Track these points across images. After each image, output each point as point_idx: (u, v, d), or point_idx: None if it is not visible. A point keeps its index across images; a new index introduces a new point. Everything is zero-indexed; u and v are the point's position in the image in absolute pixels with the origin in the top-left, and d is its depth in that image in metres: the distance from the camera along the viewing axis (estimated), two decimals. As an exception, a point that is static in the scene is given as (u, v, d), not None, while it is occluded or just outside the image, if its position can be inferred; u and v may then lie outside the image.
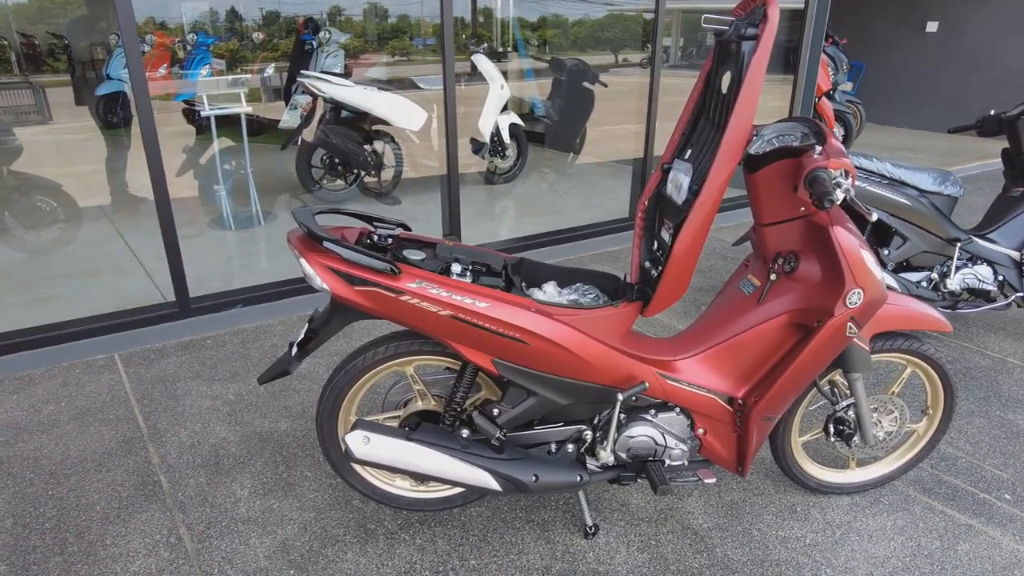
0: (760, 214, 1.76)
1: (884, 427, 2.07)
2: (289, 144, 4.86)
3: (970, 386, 2.83)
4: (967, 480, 2.25)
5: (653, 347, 1.83)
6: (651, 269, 1.78)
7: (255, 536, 1.97)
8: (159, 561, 1.87)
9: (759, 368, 1.81)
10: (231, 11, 7.61)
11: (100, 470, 2.24)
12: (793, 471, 2.09)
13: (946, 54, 8.87)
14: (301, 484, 2.18)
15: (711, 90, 1.72)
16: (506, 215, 5.15)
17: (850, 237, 1.62)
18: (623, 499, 2.14)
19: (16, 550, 1.90)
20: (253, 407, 2.60)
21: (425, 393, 1.88)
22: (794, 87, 5.16)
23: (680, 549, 1.94)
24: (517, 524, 2.03)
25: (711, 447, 1.89)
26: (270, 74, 6.62)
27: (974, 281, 2.99)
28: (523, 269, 1.85)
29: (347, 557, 1.90)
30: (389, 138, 4.82)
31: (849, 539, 1.99)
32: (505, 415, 1.76)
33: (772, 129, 1.72)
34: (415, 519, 2.04)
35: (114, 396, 2.67)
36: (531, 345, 1.62)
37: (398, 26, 8.66)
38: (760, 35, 1.48)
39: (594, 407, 1.81)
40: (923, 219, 2.88)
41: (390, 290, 1.55)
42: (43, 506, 2.08)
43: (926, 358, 1.98)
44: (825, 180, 1.47)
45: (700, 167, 1.62)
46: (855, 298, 1.64)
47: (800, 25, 4.99)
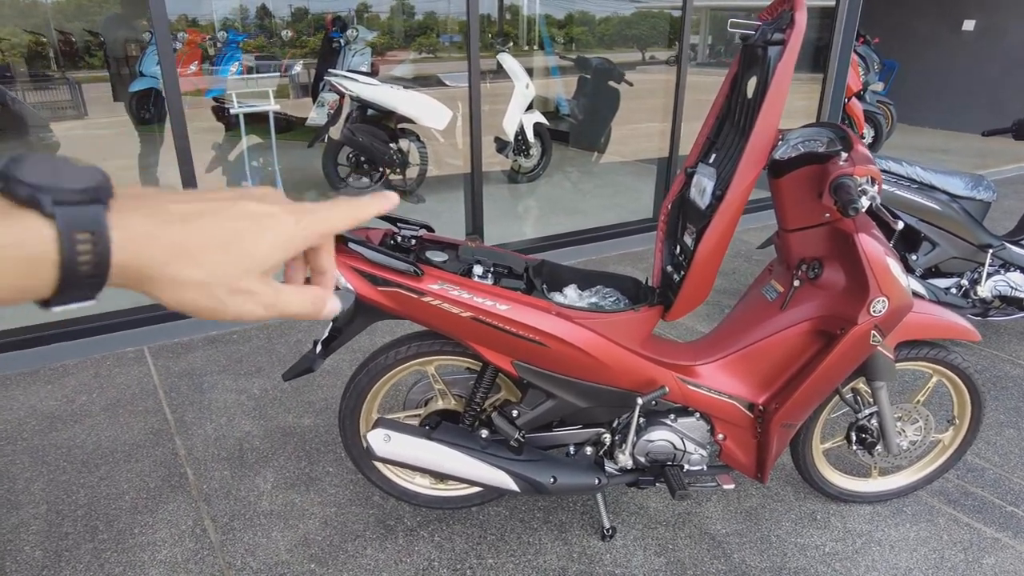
0: (784, 220, 1.75)
1: (908, 436, 2.04)
2: (316, 141, 4.92)
3: (1000, 396, 2.77)
4: (995, 492, 2.20)
5: (674, 351, 1.82)
6: (673, 273, 1.78)
7: (277, 529, 2.01)
8: (184, 551, 1.92)
9: (780, 375, 1.80)
10: (261, 8, 7.71)
11: (129, 460, 2.30)
12: (814, 478, 2.08)
13: (983, 53, 8.65)
14: (323, 479, 2.22)
15: (736, 94, 1.71)
16: (529, 214, 5.15)
17: (875, 244, 1.60)
18: (641, 502, 2.14)
19: (50, 536, 1.97)
20: (277, 402, 2.65)
21: (446, 393, 1.90)
22: (823, 87, 5.08)
23: (697, 554, 1.94)
24: (535, 524, 2.04)
25: (731, 453, 1.88)
26: (298, 71, 6.71)
27: (1006, 288, 2.93)
28: (544, 271, 1.86)
29: (367, 552, 1.93)
30: (414, 136, 4.85)
31: (870, 549, 1.97)
32: (524, 416, 1.77)
33: (798, 134, 1.71)
34: (434, 516, 2.06)
35: (143, 388, 2.74)
36: (551, 348, 1.63)
37: (425, 23, 8.71)
38: (787, 40, 1.47)
39: (613, 410, 1.81)
40: (953, 224, 2.83)
41: (412, 291, 1.57)
42: (75, 494, 2.14)
43: (953, 367, 1.95)
44: (851, 187, 1.46)
45: (724, 172, 1.61)
46: (879, 306, 1.62)
47: (831, 24, 4.91)
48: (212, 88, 6.04)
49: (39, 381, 2.79)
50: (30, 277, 0.34)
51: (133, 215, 0.37)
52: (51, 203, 0.34)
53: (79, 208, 0.35)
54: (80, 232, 0.34)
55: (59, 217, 0.34)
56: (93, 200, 0.35)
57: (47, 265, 0.34)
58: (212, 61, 6.46)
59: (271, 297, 0.42)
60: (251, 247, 0.40)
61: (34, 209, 0.34)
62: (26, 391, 2.71)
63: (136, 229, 0.37)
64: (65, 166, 0.35)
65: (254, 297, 0.41)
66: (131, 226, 0.37)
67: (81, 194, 0.35)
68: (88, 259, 0.35)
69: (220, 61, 6.29)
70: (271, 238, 0.41)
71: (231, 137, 4.71)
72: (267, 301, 0.42)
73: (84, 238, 0.34)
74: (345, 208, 0.46)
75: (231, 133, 4.63)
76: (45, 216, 0.34)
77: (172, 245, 0.38)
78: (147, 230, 0.37)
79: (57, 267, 0.34)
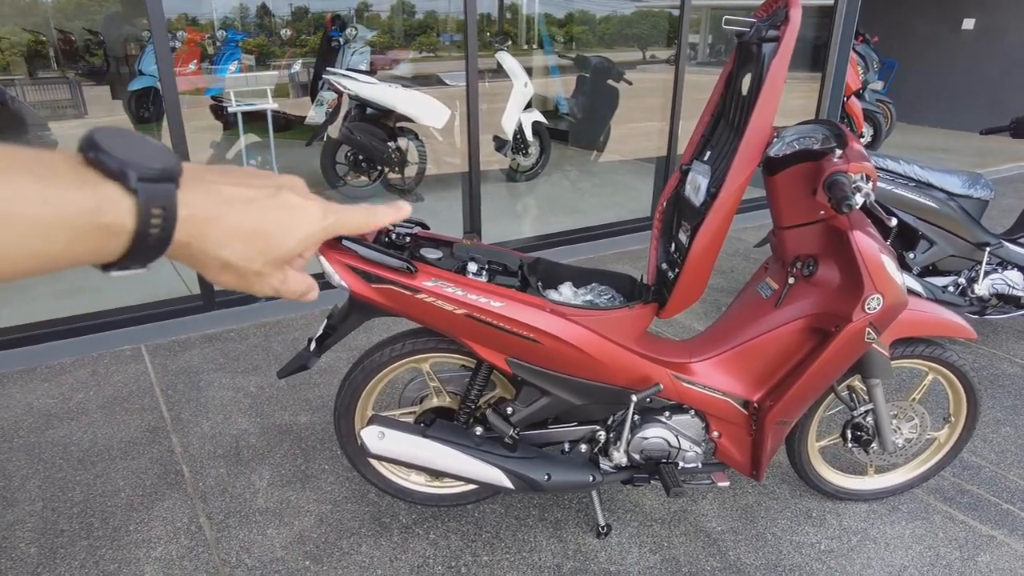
0: (779, 217, 1.75)
1: (904, 434, 2.04)
2: (314, 140, 4.92)
3: (998, 394, 2.77)
4: (990, 490, 2.20)
5: (668, 349, 1.82)
6: (668, 271, 1.78)
7: (272, 527, 2.01)
8: (180, 548, 1.92)
9: (775, 372, 1.80)
10: (261, 7, 7.71)
11: (125, 458, 2.30)
12: (810, 476, 2.08)
13: (983, 52, 8.65)
14: (318, 477, 2.22)
15: (731, 92, 1.71)
16: (528, 213, 5.15)
17: (870, 242, 1.60)
18: (636, 500, 2.14)
19: (45, 533, 1.97)
20: (273, 400, 2.65)
21: (441, 390, 1.90)
22: (822, 86, 5.07)
23: (692, 551, 1.94)
24: (530, 522, 2.04)
25: (726, 450, 1.88)
26: (297, 70, 6.71)
27: (1003, 286, 2.92)
28: (539, 269, 1.85)
29: (361, 550, 1.93)
30: (413, 135, 4.85)
31: (865, 546, 1.97)
32: (519, 414, 1.77)
33: (793, 131, 1.71)
34: (429, 514, 2.06)
35: (140, 386, 2.74)
36: (545, 345, 1.63)
37: (425, 22, 8.71)
38: (781, 37, 1.47)
39: (608, 408, 1.81)
40: (951, 223, 2.83)
41: (406, 288, 1.57)
42: (71, 491, 2.14)
43: (948, 365, 1.95)
44: (844, 184, 1.46)
45: (719, 169, 1.61)
46: (874, 303, 1.62)
47: (829, 22, 4.91)
48: (211, 87, 6.04)
49: (36, 379, 2.79)
50: (104, 242, 0.37)
51: (196, 194, 0.40)
52: (136, 179, 0.37)
53: (157, 185, 0.38)
54: (155, 207, 0.37)
55: (141, 192, 0.37)
56: (168, 178, 0.38)
57: (122, 234, 0.37)
58: (211, 60, 6.46)
59: (280, 280, 0.47)
60: (285, 238, 0.45)
61: (119, 182, 0.37)
62: (23, 389, 2.71)
63: (199, 209, 0.40)
64: (146, 144, 0.38)
65: (274, 279, 0.46)
66: (195, 204, 0.40)
67: (160, 172, 0.38)
68: (156, 232, 0.38)
69: (219, 60, 6.29)
70: (302, 233, 0.45)
71: (229, 135, 4.71)
72: (277, 283, 0.47)
73: (157, 212, 0.38)
74: (363, 213, 0.50)
75: (229, 132, 4.63)
76: (128, 190, 0.37)
77: (227, 228, 0.42)
78: (208, 212, 0.41)
79: (130, 236, 0.37)
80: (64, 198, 0.35)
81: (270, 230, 0.44)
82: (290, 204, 0.45)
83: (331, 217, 0.47)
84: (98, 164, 0.36)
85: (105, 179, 0.36)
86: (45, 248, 0.35)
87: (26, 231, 0.34)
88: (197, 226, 0.40)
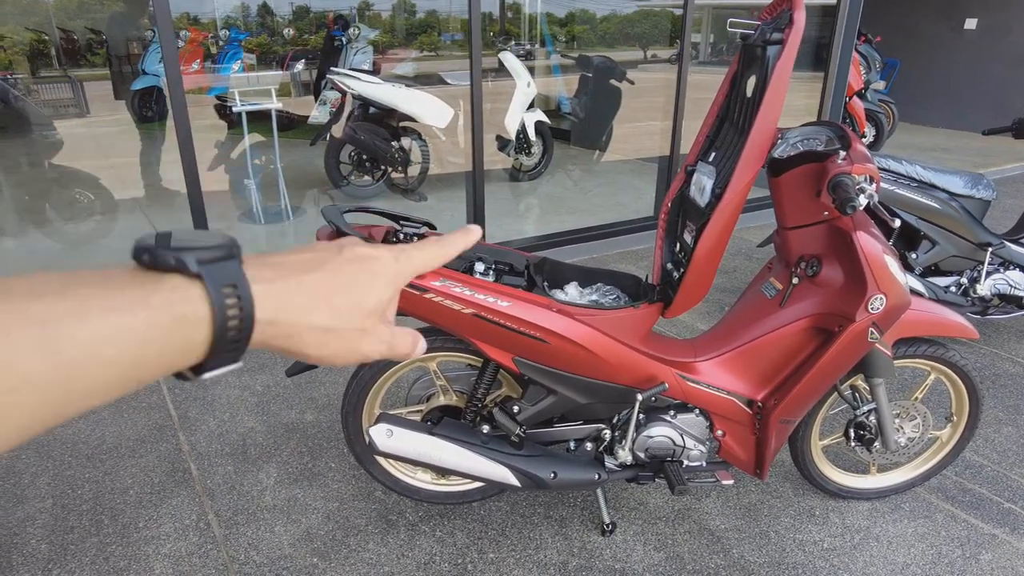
0: (783, 218, 1.76)
1: (906, 433, 2.05)
2: (318, 140, 4.93)
3: (1000, 393, 2.78)
4: (992, 489, 2.22)
5: (673, 348, 1.84)
6: (673, 271, 1.80)
7: (280, 524, 2.03)
8: (188, 545, 1.94)
9: (779, 372, 1.81)
10: (263, 7, 7.73)
11: (134, 455, 2.32)
12: (813, 475, 2.09)
13: (986, 52, 8.65)
14: (325, 474, 2.24)
15: (736, 94, 1.72)
16: (531, 212, 5.17)
17: (873, 242, 1.62)
18: (641, 498, 2.16)
19: (55, 530, 1.99)
20: (280, 398, 2.67)
21: (448, 389, 1.92)
22: (824, 86, 5.08)
23: (696, 549, 1.96)
24: (535, 520, 2.06)
25: (730, 449, 1.90)
26: (300, 69, 6.73)
27: (1005, 287, 2.94)
28: (545, 269, 1.87)
29: (368, 547, 1.95)
30: (416, 135, 4.86)
31: (868, 545, 1.98)
32: (525, 412, 1.79)
33: (797, 133, 1.72)
34: (435, 512, 2.08)
35: (147, 385, 2.76)
36: (551, 344, 1.64)
37: (427, 21, 8.73)
38: (786, 40, 1.48)
39: (613, 406, 1.83)
40: (953, 223, 2.84)
41: (414, 288, 1.58)
42: (80, 488, 2.16)
43: (951, 364, 1.97)
44: (848, 186, 1.47)
45: (723, 170, 1.63)
46: (877, 304, 1.63)
47: (832, 22, 4.92)
48: (214, 86, 6.06)
49: (44, 377, 2.81)
50: (184, 337, 0.34)
51: (263, 270, 0.38)
52: (195, 262, 0.35)
53: (220, 264, 0.36)
54: (224, 287, 0.35)
55: (205, 275, 0.35)
56: (229, 256, 0.36)
57: (200, 323, 0.35)
58: (214, 59, 6.48)
59: (388, 335, 0.44)
60: (368, 288, 0.43)
61: (180, 272, 0.35)
62: (31, 387, 2.73)
63: (272, 284, 0.38)
64: (196, 232, 0.37)
65: (378, 336, 0.43)
66: (265, 279, 0.38)
67: (218, 251, 0.36)
68: (235, 313, 0.35)
69: (222, 59, 6.31)
70: (382, 280, 0.44)
71: (233, 135, 4.73)
72: (386, 339, 0.44)
73: (228, 292, 0.35)
74: (435, 247, 0.48)
75: (233, 131, 4.64)
76: (191, 277, 0.35)
77: (308, 293, 0.40)
78: (282, 284, 0.39)
79: (209, 324, 0.35)
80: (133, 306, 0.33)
81: (351, 283, 0.42)
82: (359, 256, 0.44)
83: (403, 256, 0.46)
84: (154, 264, 0.35)
85: (165, 274, 0.35)
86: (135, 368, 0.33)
87: (117, 357, 0.32)
88: (277, 299, 0.38)
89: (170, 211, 4.77)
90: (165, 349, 0.34)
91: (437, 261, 0.48)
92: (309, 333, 0.40)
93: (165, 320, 0.33)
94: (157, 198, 5.20)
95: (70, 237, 4.41)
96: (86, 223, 4.57)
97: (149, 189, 5.45)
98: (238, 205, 4.85)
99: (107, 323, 0.32)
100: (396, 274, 0.45)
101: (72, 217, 4.59)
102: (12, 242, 4.29)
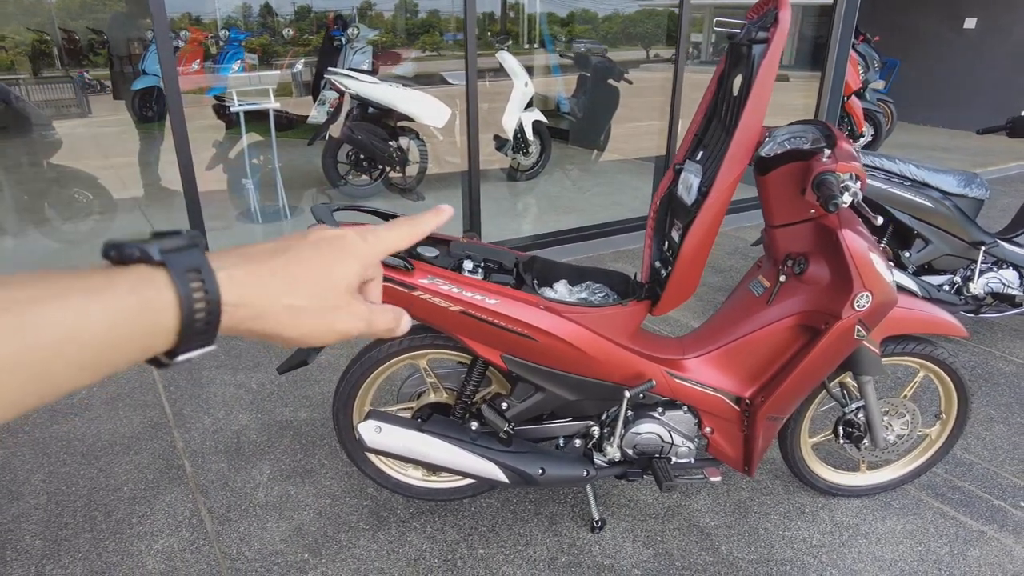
0: (770, 216, 1.77)
1: (895, 430, 2.06)
2: (316, 139, 4.95)
3: (992, 392, 2.79)
4: (982, 486, 2.23)
5: (662, 346, 1.85)
6: (661, 269, 1.81)
7: (272, 520, 2.04)
8: (181, 541, 1.96)
9: (767, 369, 1.82)
10: (264, 7, 7.75)
11: (128, 453, 2.33)
12: (802, 472, 2.10)
13: (985, 52, 8.64)
14: (318, 471, 2.25)
15: (723, 92, 1.74)
16: (528, 212, 5.18)
17: (859, 240, 1.63)
18: (631, 495, 2.17)
19: (49, 526, 2.00)
20: (274, 396, 2.68)
21: (438, 386, 1.93)
22: (821, 85, 5.09)
23: (685, 546, 1.97)
24: (525, 516, 2.07)
25: (718, 446, 1.91)
26: (300, 69, 6.74)
27: (998, 285, 2.94)
28: (535, 267, 1.88)
29: (359, 543, 1.96)
30: (414, 134, 4.88)
31: (856, 541, 1.99)
32: (513, 409, 1.80)
33: (784, 131, 1.73)
34: (426, 508, 2.09)
35: (142, 383, 2.78)
36: (539, 341, 1.66)
37: (428, 21, 8.74)
38: (771, 38, 1.49)
39: (602, 403, 1.84)
40: (946, 222, 2.85)
41: (403, 285, 1.60)
42: (75, 485, 2.18)
43: (939, 362, 1.97)
44: (832, 183, 1.48)
45: (710, 169, 1.64)
46: (863, 301, 1.64)
47: (829, 21, 4.92)
48: (214, 86, 6.07)
49: (41, 375, 2.83)
50: (152, 323, 0.35)
51: (228, 257, 0.40)
52: (159, 251, 0.36)
53: (182, 253, 0.37)
54: (189, 271, 0.36)
55: (169, 262, 0.36)
56: (192, 246, 0.38)
57: (166, 309, 0.36)
58: (214, 59, 6.50)
59: (366, 312, 0.45)
60: (335, 266, 0.43)
61: (144, 262, 0.36)
62: (28, 385, 2.75)
63: (237, 270, 0.39)
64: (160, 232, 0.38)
65: (353, 312, 0.44)
66: (231, 266, 0.39)
67: (180, 242, 0.37)
68: (201, 296, 0.37)
69: (222, 59, 6.32)
70: (349, 258, 0.44)
71: (232, 135, 4.75)
72: (363, 315, 0.45)
73: (193, 276, 0.36)
74: (405, 226, 0.49)
75: (232, 131, 4.66)
76: (155, 265, 0.36)
77: (277, 277, 0.41)
78: (246, 267, 0.40)
79: (176, 308, 0.36)
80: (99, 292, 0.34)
81: (317, 263, 0.43)
82: (324, 237, 0.44)
83: (371, 236, 0.46)
84: (121, 257, 0.37)
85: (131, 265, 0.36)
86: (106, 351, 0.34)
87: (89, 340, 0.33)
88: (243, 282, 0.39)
89: (168, 210, 4.80)
90: (135, 333, 0.35)
91: (407, 239, 0.49)
92: (280, 314, 0.41)
93: (132, 304, 0.34)
94: (156, 197, 5.22)
95: (68, 236, 4.44)
96: (85, 222, 4.59)
97: (148, 188, 5.47)
98: (236, 204, 4.87)
99: (74, 308, 0.33)
100: (364, 251, 0.45)
101: (71, 216, 4.62)
102: (11, 241, 4.31)
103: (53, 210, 4.71)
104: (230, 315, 0.38)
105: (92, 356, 0.34)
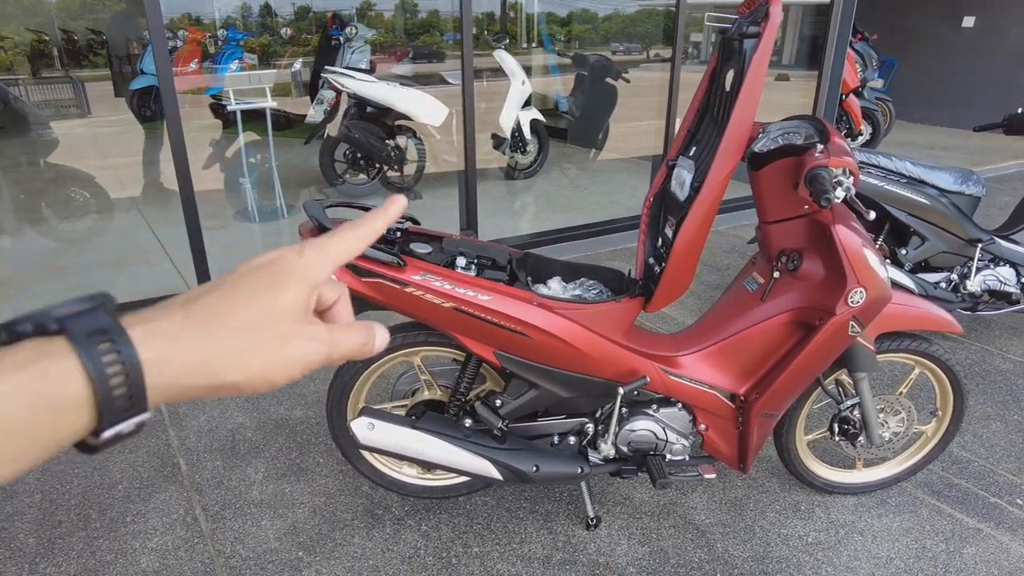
0: (764, 212, 1.77)
1: (891, 428, 2.06)
2: (313, 138, 4.95)
3: (989, 389, 2.78)
4: (978, 484, 2.22)
5: (656, 342, 1.85)
6: (654, 265, 1.80)
7: (267, 518, 2.04)
8: (175, 539, 1.95)
9: (761, 365, 1.82)
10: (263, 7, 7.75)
11: (123, 451, 2.33)
12: (798, 470, 2.09)
13: (983, 50, 8.63)
14: (313, 470, 2.25)
15: (716, 88, 1.73)
16: (525, 211, 5.17)
17: (852, 236, 1.62)
18: (627, 493, 2.16)
19: (43, 524, 2.00)
20: (270, 395, 2.68)
21: (431, 383, 1.92)
22: (818, 83, 5.08)
23: (681, 543, 1.96)
24: (520, 514, 2.07)
25: (713, 443, 1.90)
26: (298, 69, 6.74)
27: (995, 283, 2.94)
28: (529, 264, 1.88)
29: (354, 541, 1.95)
30: (411, 133, 4.88)
31: (852, 539, 1.99)
32: (507, 406, 1.80)
33: (777, 127, 1.73)
34: (421, 506, 2.09)
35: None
36: (532, 338, 1.65)
37: (428, 20, 8.75)
38: (762, 33, 1.49)
39: (596, 400, 1.83)
40: (942, 219, 2.84)
41: (396, 282, 1.59)
42: (69, 483, 2.17)
43: (934, 359, 1.97)
44: (824, 178, 1.48)
45: (702, 164, 1.63)
46: (857, 297, 1.63)
47: (826, 20, 4.91)
48: (212, 86, 6.07)
49: (36, 374, 2.82)
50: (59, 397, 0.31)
51: (143, 312, 0.35)
52: (54, 320, 0.32)
53: (85, 315, 0.33)
54: (95, 335, 0.32)
55: (67, 326, 0.32)
56: (97, 307, 0.34)
57: (71, 380, 0.31)
58: (213, 59, 6.50)
59: (325, 334, 0.40)
60: (275, 292, 0.38)
61: (40, 335, 0.32)
62: (23, 384, 2.74)
63: (153, 321, 0.35)
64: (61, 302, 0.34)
65: (309, 337, 0.39)
66: (144, 319, 0.35)
67: (82, 304, 0.33)
68: (113, 359, 0.32)
69: (220, 59, 6.32)
70: (288, 280, 0.39)
71: (229, 134, 4.75)
72: (322, 337, 0.40)
73: (101, 338, 0.32)
74: (349, 231, 0.43)
75: (229, 130, 4.66)
76: (52, 335, 0.32)
77: (199, 322, 0.36)
78: (165, 319, 0.35)
79: (82, 375, 0.31)
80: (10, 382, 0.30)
81: (251, 293, 0.38)
82: (255, 264, 0.40)
83: (307, 250, 0.41)
84: (15, 336, 0.32)
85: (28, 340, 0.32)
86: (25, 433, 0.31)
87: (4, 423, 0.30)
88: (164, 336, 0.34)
89: (166, 209, 4.79)
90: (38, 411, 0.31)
91: (355, 245, 0.43)
92: (217, 360, 0.36)
93: (23, 380, 0.30)
94: (153, 196, 5.22)
95: (65, 235, 4.43)
96: (82, 221, 4.59)
97: (146, 187, 5.47)
98: (233, 203, 4.86)
99: None
100: (303, 269, 0.40)
101: (68, 216, 4.62)
102: (9, 240, 4.31)
103: (50, 209, 4.71)
104: (159, 373, 0.34)
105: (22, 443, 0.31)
